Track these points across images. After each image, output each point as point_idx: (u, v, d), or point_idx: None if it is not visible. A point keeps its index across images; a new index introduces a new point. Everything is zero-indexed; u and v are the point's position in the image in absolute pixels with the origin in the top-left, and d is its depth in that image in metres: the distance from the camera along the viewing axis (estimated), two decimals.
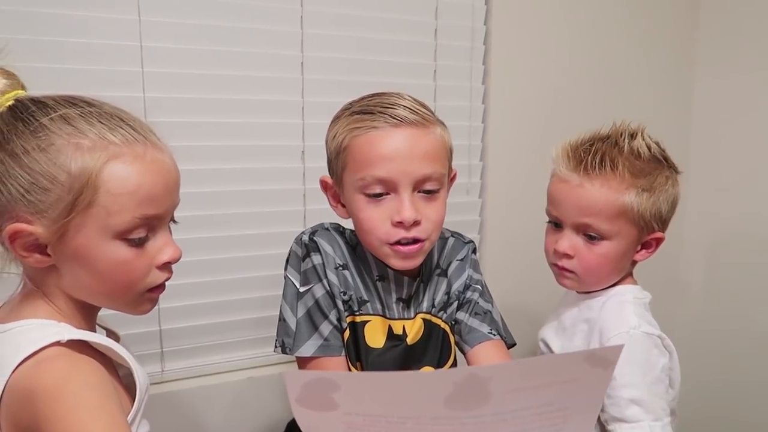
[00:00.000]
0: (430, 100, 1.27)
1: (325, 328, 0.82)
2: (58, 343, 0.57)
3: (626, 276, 0.92)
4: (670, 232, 0.90)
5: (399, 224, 0.78)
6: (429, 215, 0.80)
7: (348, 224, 0.90)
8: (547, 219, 0.93)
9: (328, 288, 0.83)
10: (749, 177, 1.47)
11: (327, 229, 0.89)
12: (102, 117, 0.60)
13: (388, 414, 0.42)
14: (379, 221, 0.79)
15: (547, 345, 0.97)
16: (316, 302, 0.83)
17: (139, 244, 0.61)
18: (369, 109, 0.79)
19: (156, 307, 0.69)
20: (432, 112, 0.82)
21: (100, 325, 0.71)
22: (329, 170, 0.86)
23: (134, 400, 0.63)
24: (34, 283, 0.62)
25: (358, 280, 0.86)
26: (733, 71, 1.49)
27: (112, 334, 0.72)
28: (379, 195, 0.78)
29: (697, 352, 1.57)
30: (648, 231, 0.86)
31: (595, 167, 0.84)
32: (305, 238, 0.86)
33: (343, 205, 0.85)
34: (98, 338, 0.61)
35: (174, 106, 1.05)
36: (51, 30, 0.96)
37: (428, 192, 0.79)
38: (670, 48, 1.53)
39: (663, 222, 0.88)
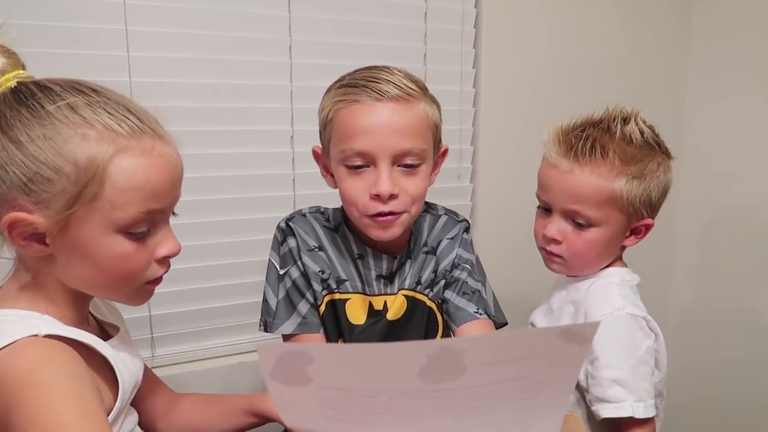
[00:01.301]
0: None
1: (303, 306, 0.86)
2: (35, 336, 0.56)
3: (615, 259, 0.92)
4: (663, 216, 0.90)
5: (376, 197, 0.79)
6: (408, 189, 0.81)
7: (333, 202, 0.91)
8: (537, 203, 0.93)
9: (303, 269, 0.87)
10: (743, 161, 1.46)
11: (304, 215, 0.92)
12: (108, 106, 0.58)
13: (362, 387, 0.41)
14: (358, 193, 0.80)
15: (534, 327, 0.98)
16: (294, 283, 0.87)
17: (141, 238, 0.60)
18: (354, 82, 0.80)
19: None
20: (420, 88, 0.82)
21: (93, 315, 0.70)
22: (320, 140, 0.87)
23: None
24: (26, 269, 0.61)
25: (335, 259, 0.89)
26: (726, 56, 1.48)
27: (110, 327, 0.72)
28: (359, 167, 0.80)
29: (689, 335, 1.59)
30: (637, 217, 0.86)
31: (585, 154, 0.83)
32: (282, 224, 0.90)
33: (332, 175, 0.86)
34: (78, 335, 0.60)
35: (161, 91, 1.04)
36: (34, 14, 0.94)
37: (408, 166, 0.80)
38: (663, 32, 1.52)
39: (653, 208, 0.87)
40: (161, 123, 0.62)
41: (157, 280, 0.65)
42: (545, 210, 0.90)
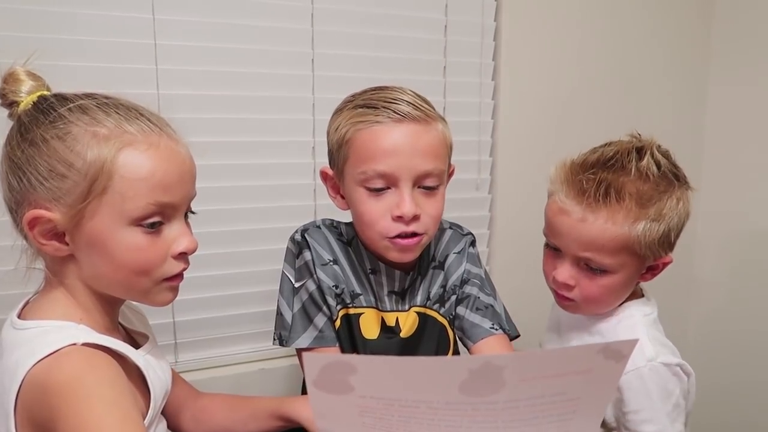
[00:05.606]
0: (439, 96, 1.28)
1: (320, 320, 0.86)
2: (73, 345, 0.57)
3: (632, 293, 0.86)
4: (683, 236, 0.84)
5: (399, 219, 0.79)
6: (428, 210, 0.81)
7: (344, 216, 0.91)
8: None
9: (318, 283, 0.86)
10: (763, 176, 1.45)
11: (318, 226, 0.91)
12: (119, 108, 0.61)
13: (402, 398, 0.43)
14: (379, 215, 0.80)
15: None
16: (310, 296, 0.86)
17: (154, 231, 0.62)
18: (372, 103, 0.80)
19: None
20: (433, 108, 0.82)
21: (122, 326, 0.72)
22: (330, 161, 0.87)
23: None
24: (54, 275, 0.63)
25: (350, 273, 0.89)
26: (747, 72, 1.48)
27: (139, 336, 0.73)
28: (380, 189, 0.79)
29: (710, 352, 1.57)
30: (655, 258, 0.80)
31: (599, 199, 0.76)
32: (297, 236, 0.89)
33: (342, 197, 0.86)
34: (112, 343, 0.61)
35: (187, 103, 1.07)
36: (65, 28, 0.97)
37: (428, 188, 0.81)
38: (683, 49, 1.52)
39: (671, 245, 0.81)
40: (172, 127, 0.65)
41: (177, 277, 0.66)
42: (554, 249, 0.84)
